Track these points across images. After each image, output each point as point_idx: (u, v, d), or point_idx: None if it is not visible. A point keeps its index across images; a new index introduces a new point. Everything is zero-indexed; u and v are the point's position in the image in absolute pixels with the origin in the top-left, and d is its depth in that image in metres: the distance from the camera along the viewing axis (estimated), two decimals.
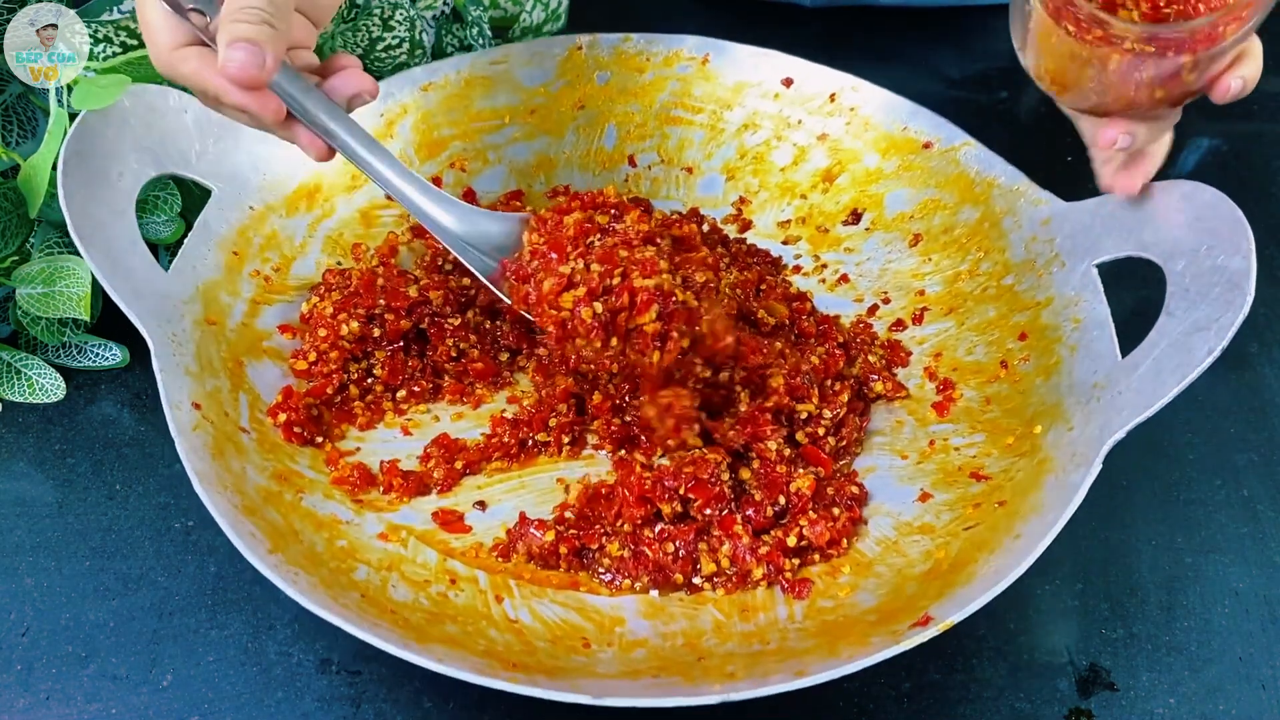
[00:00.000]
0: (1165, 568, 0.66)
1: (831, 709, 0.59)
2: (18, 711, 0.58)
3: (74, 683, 0.59)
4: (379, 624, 0.53)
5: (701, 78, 0.83)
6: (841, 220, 0.80)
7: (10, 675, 0.60)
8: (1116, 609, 0.64)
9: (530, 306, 0.64)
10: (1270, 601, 0.64)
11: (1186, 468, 0.71)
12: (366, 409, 0.69)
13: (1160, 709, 0.60)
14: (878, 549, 0.62)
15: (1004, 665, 0.61)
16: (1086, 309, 0.66)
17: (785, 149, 0.82)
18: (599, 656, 0.56)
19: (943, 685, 0.60)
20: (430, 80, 0.80)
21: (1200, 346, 0.58)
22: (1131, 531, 0.67)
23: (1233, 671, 0.61)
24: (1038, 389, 0.66)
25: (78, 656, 0.60)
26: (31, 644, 0.61)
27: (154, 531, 0.66)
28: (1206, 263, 0.61)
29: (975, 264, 0.74)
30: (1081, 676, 0.61)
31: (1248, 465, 0.71)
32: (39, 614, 0.62)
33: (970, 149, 0.76)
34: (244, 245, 0.71)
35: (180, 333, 0.63)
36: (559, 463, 0.68)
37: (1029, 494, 0.60)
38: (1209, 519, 0.68)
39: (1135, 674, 0.61)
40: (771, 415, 0.66)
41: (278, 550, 0.55)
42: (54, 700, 0.59)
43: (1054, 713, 0.59)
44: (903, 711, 0.59)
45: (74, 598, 0.63)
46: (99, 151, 0.64)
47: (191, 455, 0.57)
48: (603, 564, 0.62)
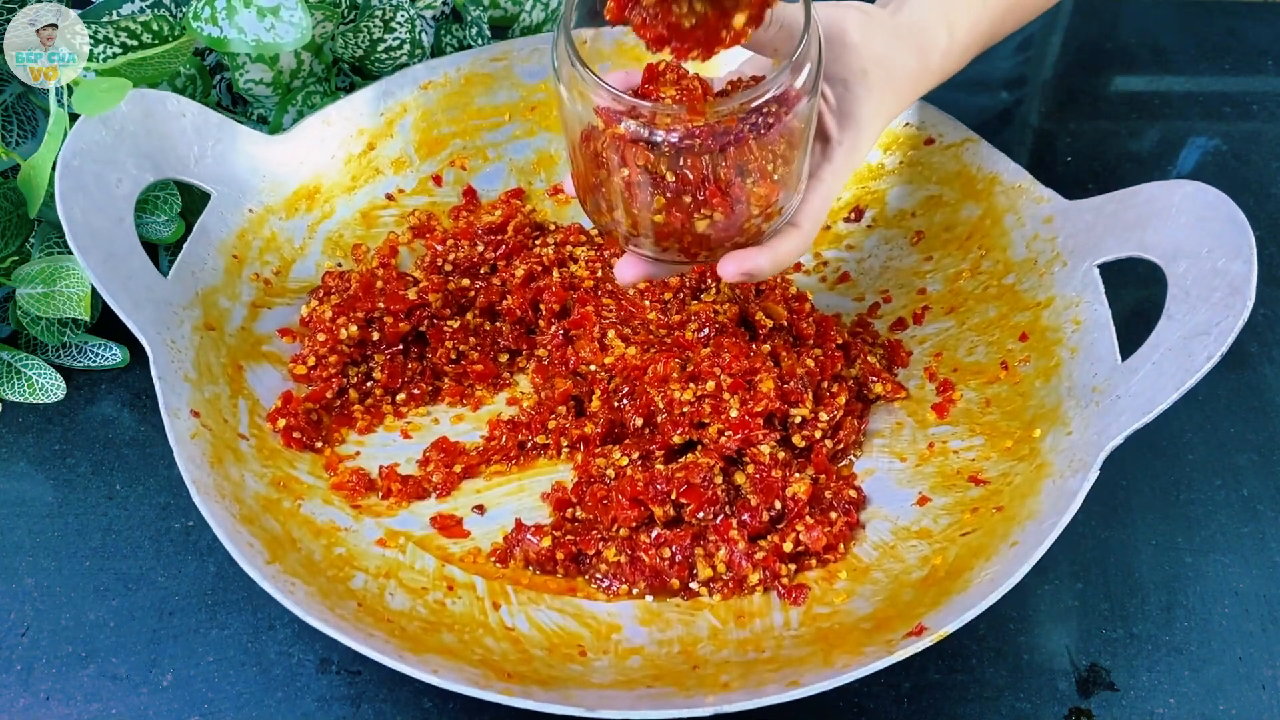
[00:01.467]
0: (1165, 568, 0.65)
1: (831, 709, 0.59)
2: (18, 711, 0.59)
3: (74, 683, 0.60)
4: (375, 634, 0.53)
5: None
6: (843, 217, 0.80)
7: (10, 675, 0.60)
8: (1116, 609, 0.64)
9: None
10: (1270, 601, 0.64)
11: (1186, 468, 0.70)
12: (366, 412, 0.69)
13: (1160, 709, 0.60)
14: (875, 554, 0.62)
15: (1004, 665, 0.61)
16: (1088, 310, 0.66)
17: None
18: (594, 665, 0.56)
19: (943, 685, 0.60)
20: (430, 78, 0.79)
21: (1200, 352, 0.57)
22: (1131, 531, 0.67)
23: (1233, 671, 0.61)
24: (1037, 391, 0.66)
25: (78, 656, 0.61)
26: (31, 644, 0.62)
27: (154, 531, 0.66)
28: (1207, 265, 0.60)
29: (977, 262, 0.74)
30: (1081, 676, 0.61)
31: (1248, 465, 0.70)
32: (39, 614, 0.63)
33: (973, 145, 0.75)
34: (243, 248, 0.71)
35: (179, 339, 0.64)
36: (558, 465, 0.68)
37: (1026, 499, 0.60)
38: (1209, 519, 0.68)
39: (1135, 674, 0.61)
40: (763, 420, 0.65)
41: (275, 560, 0.56)
42: (54, 700, 0.59)
43: (1054, 713, 0.59)
44: (902, 711, 0.59)
45: (74, 598, 0.63)
46: (97, 159, 0.64)
47: (189, 464, 0.58)
48: (599, 569, 0.62)
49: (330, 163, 0.76)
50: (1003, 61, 0.98)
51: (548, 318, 0.73)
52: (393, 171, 0.79)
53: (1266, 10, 1.04)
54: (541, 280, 0.74)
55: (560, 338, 0.71)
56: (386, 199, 0.79)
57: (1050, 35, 0.99)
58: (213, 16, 0.70)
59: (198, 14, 0.70)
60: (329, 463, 0.66)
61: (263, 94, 0.77)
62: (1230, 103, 0.94)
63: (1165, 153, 0.90)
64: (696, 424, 0.66)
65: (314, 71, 0.79)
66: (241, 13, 0.70)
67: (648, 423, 0.67)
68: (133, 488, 0.68)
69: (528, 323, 0.74)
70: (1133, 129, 0.93)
